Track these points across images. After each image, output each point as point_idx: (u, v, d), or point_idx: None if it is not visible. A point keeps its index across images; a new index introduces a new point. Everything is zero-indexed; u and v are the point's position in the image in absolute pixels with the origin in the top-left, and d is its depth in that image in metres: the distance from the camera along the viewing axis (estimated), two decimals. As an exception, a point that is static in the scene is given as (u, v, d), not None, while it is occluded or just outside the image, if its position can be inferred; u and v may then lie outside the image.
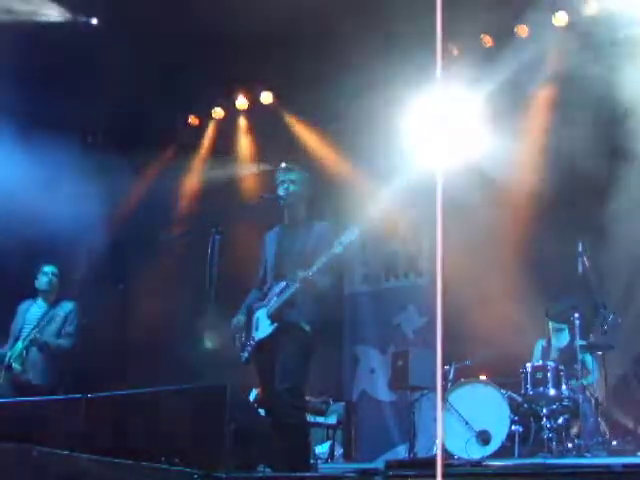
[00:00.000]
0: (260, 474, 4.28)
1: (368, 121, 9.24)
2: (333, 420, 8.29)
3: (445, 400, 7.00)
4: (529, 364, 7.01)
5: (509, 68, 7.93)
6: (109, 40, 8.00)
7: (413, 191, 8.80)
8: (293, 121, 9.69)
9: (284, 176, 5.53)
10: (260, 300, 5.46)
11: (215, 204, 8.98)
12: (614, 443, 6.53)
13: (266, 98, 9.75)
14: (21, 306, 7.17)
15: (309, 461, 5.28)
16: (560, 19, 8.05)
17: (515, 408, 6.85)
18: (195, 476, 3.71)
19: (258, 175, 9.90)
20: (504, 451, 6.64)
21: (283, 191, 5.49)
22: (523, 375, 6.96)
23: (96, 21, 8.20)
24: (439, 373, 2.60)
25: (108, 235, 9.43)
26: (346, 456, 8.30)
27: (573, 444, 6.54)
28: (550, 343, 7.45)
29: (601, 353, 6.84)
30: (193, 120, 10.27)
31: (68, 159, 8.38)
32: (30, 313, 7.07)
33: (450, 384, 7.30)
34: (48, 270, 7.17)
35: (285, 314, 5.25)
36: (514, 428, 6.70)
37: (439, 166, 2.56)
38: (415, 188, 8.67)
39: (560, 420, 6.69)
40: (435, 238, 2.43)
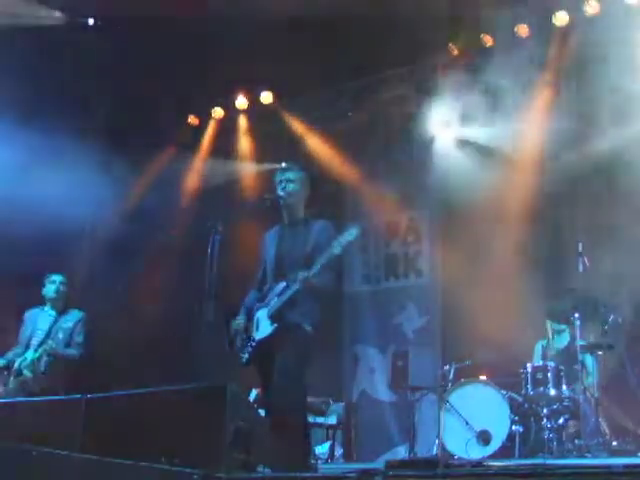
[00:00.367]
0: (260, 474, 4.27)
1: (369, 121, 9.24)
2: (333, 420, 8.28)
3: (445, 400, 7.00)
4: (529, 364, 7.01)
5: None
6: (109, 40, 7.99)
7: (413, 191, 8.81)
8: (293, 121, 9.69)
9: (282, 176, 5.53)
10: (260, 301, 5.45)
11: (215, 204, 8.97)
12: (615, 443, 6.53)
13: (266, 98, 9.75)
14: (29, 313, 7.18)
15: (309, 461, 5.28)
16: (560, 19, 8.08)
17: (515, 408, 6.86)
18: (195, 476, 3.70)
19: (258, 175, 9.89)
20: (504, 451, 6.65)
21: (282, 191, 5.49)
22: (523, 375, 6.96)
23: (92, 21, 8.18)
24: (439, 373, 2.60)
25: (108, 235, 9.41)
26: (346, 456, 8.30)
27: (573, 444, 6.54)
28: (550, 343, 7.45)
29: (601, 353, 6.84)
30: (193, 120, 10.28)
31: (68, 159, 8.37)
32: (39, 321, 7.08)
33: (450, 384, 7.29)
34: (56, 279, 7.17)
35: (286, 314, 5.24)
36: (514, 428, 6.71)
37: (439, 166, 2.57)
38: (415, 188, 8.69)
39: (560, 420, 6.69)
40: (435, 238, 2.44)
